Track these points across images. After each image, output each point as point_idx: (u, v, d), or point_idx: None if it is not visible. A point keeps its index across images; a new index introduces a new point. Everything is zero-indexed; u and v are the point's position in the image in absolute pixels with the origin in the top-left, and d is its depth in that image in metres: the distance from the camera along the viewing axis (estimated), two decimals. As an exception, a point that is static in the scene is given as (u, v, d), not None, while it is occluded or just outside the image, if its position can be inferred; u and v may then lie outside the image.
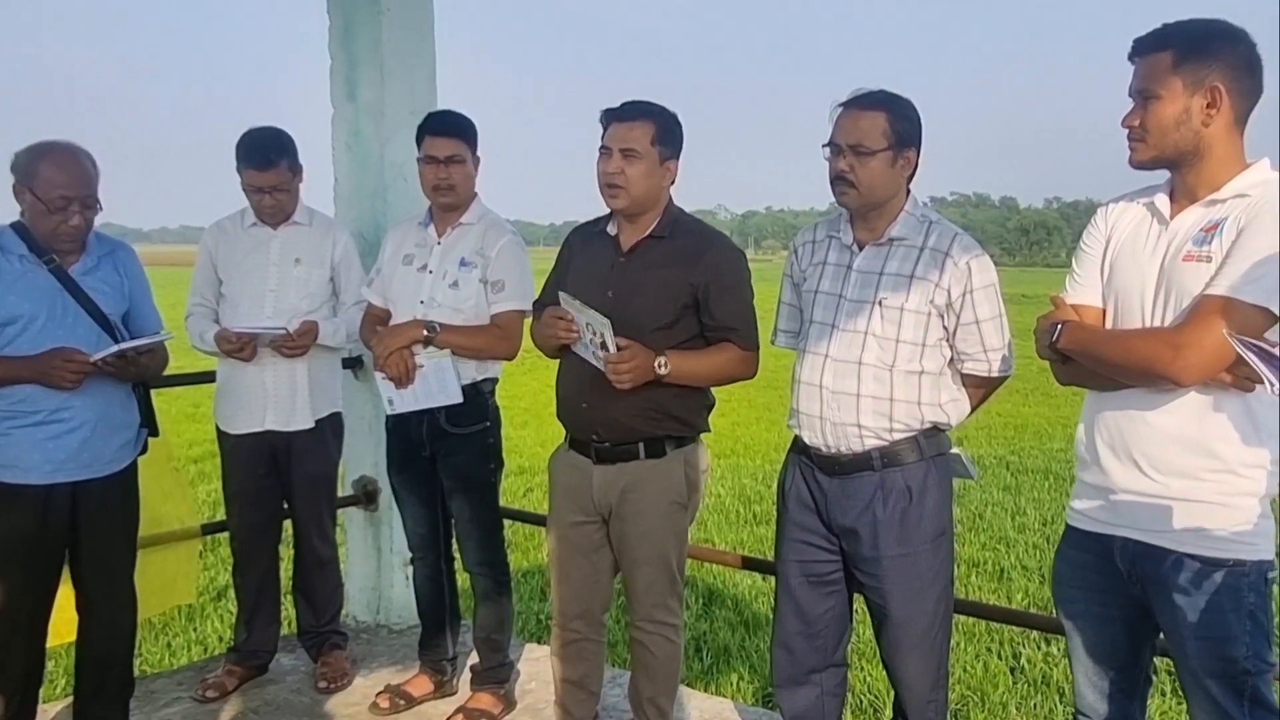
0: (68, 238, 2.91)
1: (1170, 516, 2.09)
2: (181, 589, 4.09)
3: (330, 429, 3.74)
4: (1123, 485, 2.16)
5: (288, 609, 4.21)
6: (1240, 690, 2.06)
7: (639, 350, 2.76)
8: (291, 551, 3.88)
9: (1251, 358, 1.59)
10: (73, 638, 3.15)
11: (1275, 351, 1.61)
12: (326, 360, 3.72)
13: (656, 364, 2.78)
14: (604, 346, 2.75)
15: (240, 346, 3.49)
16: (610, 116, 2.86)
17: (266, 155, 3.52)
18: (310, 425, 3.65)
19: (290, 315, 3.57)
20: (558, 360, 3.01)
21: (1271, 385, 1.54)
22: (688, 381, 2.87)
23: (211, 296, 3.67)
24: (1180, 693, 2.30)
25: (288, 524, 3.85)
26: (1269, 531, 2.09)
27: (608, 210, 2.94)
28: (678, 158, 2.90)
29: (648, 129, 2.82)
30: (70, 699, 3.28)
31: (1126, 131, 2.15)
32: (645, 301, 2.82)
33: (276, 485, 3.71)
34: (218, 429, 3.72)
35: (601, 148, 2.84)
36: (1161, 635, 2.22)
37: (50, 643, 3.08)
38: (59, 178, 2.85)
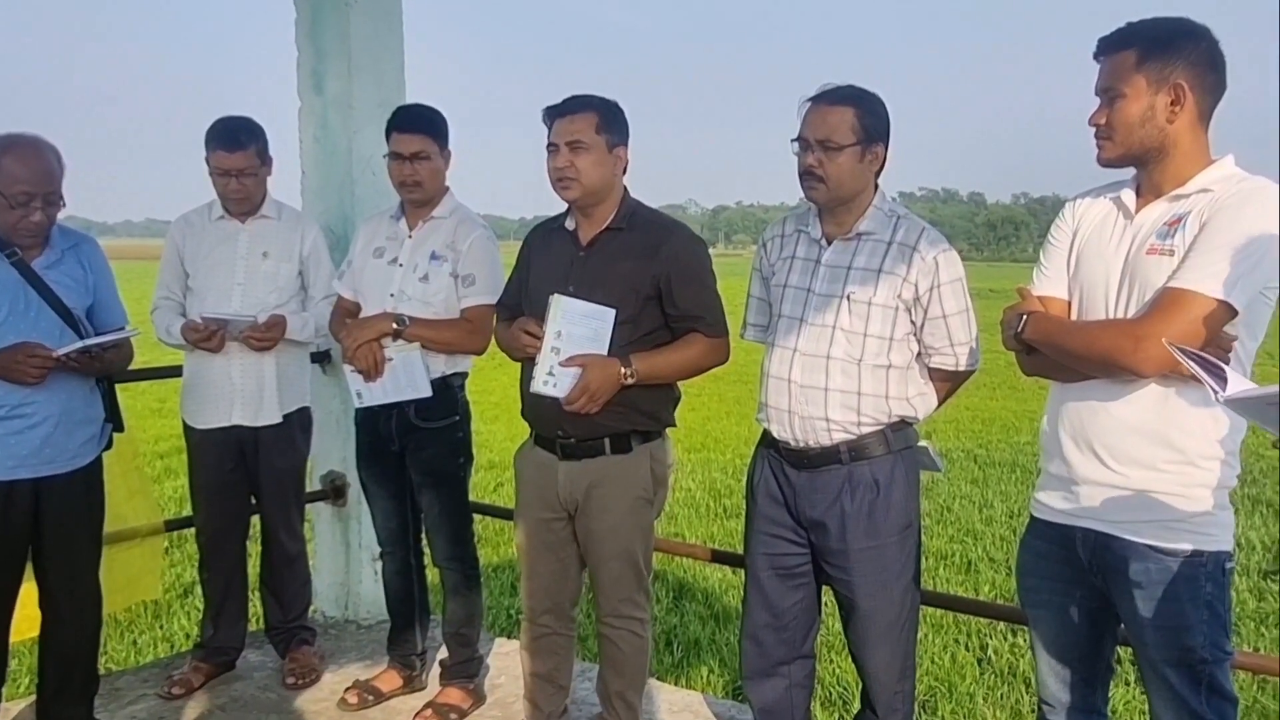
0: (28, 233, 2.87)
1: (1130, 507, 2.12)
2: (146, 584, 4.05)
3: (298, 424, 3.72)
4: (1084, 476, 2.18)
5: (255, 605, 4.18)
6: (1198, 679, 2.10)
7: (594, 371, 2.77)
8: (259, 547, 3.85)
9: (1192, 365, 1.61)
10: (35, 634, 3.11)
11: (1214, 360, 1.62)
12: (294, 355, 3.69)
13: (622, 374, 2.79)
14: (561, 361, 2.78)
15: (208, 335, 3.46)
16: (553, 114, 2.85)
17: (236, 137, 3.49)
18: (278, 420, 3.62)
19: (258, 309, 3.54)
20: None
21: (1215, 393, 1.56)
22: (658, 380, 2.88)
23: (178, 290, 3.63)
24: (1142, 681, 2.34)
25: (255, 519, 3.82)
26: (1227, 522, 2.12)
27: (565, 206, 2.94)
28: (626, 145, 2.90)
29: (591, 119, 2.82)
30: (34, 697, 3.24)
31: (1093, 130, 2.18)
32: (607, 295, 2.81)
33: (244, 480, 3.68)
34: (184, 423, 3.68)
35: (549, 145, 2.84)
36: (1123, 625, 2.25)
37: (12, 638, 3.04)
38: (22, 172, 2.81)
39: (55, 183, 2.88)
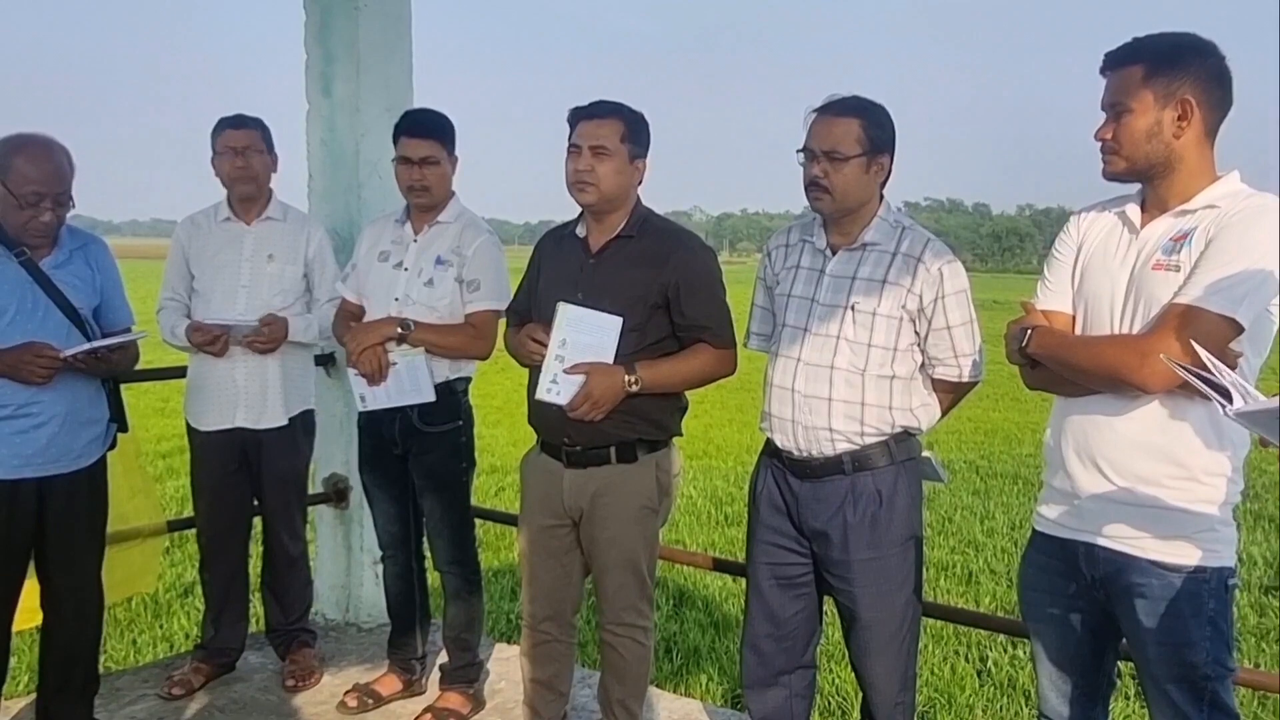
0: (38, 233, 2.88)
1: (1133, 522, 2.12)
2: (144, 580, 4.06)
3: (301, 426, 3.72)
4: (1087, 490, 2.18)
5: (255, 606, 4.18)
6: (1200, 695, 2.09)
7: (598, 379, 2.77)
8: (260, 549, 3.85)
9: (1194, 381, 1.60)
10: (33, 624, 3.11)
11: (1214, 377, 1.62)
12: (299, 357, 3.70)
13: (626, 382, 2.79)
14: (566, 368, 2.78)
15: (213, 339, 3.47)
16: (579, 115, 2.86)
17: (242, 118, 3.59)
18: (282, 423, 3.62)
19: (263, 311, 3.55)
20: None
21: (1223, 406, 1.55)
22: (663, 389, 2.87)
23: (183, 291, 3.64)
24: (1143, 696, 2.33)
25: (256, 521, 3.82)
26: (1230, 538, 2.12)
27: (579, 210, 2.95)
28: (645, 157, 2.91)
29: (617, 127, 2.83)
30: (34, 696, 3.24)
31: (1099, 144, 2.18)
32: (615, 302, 2.81)
33: (246, 482, 3.68)
34: (187, 425, 3.69)
35: (570, 145, 2.84)
36: (1124, 640, 2.24)
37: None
38: (33, 173, 2.82)
39: (66, 183, 2.88)
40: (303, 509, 3.89)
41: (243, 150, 3.55)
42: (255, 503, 3.75)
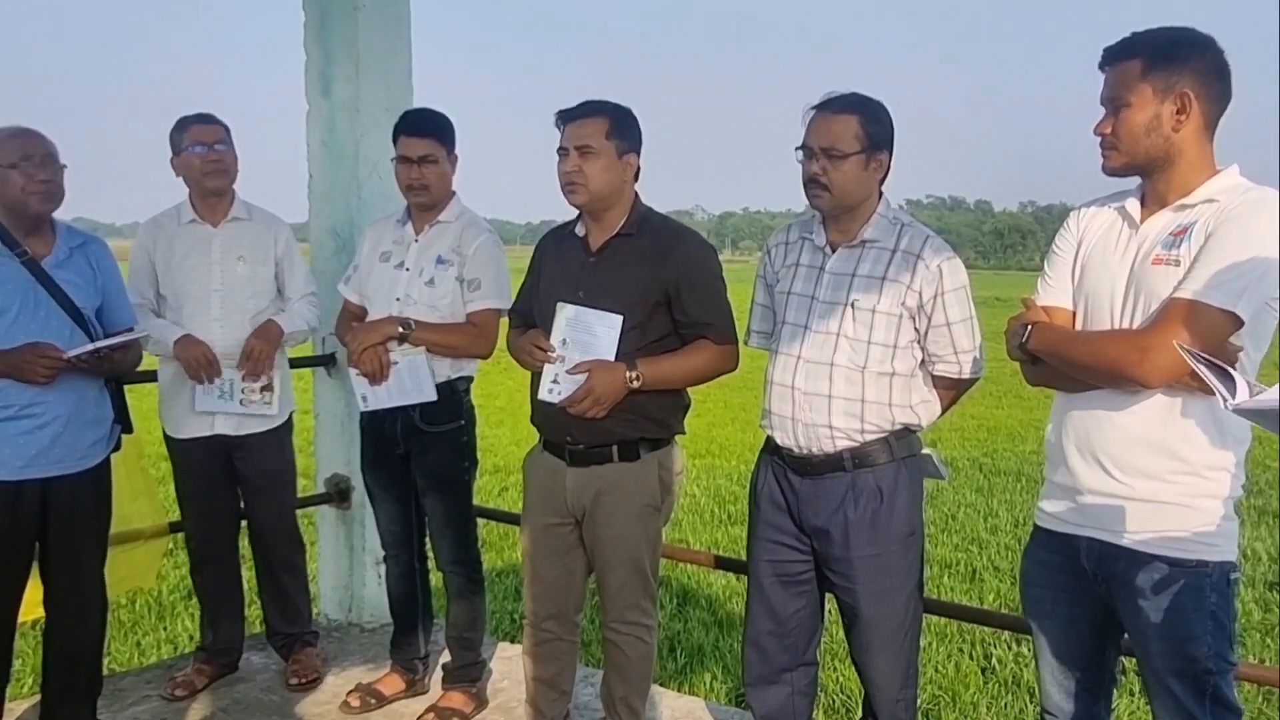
0: (41, 194, 2.88)
1: (1135, 517, 2.12)
2: (143, 576, 4.06)
3: (284, 426, 3.69)
4: (1089, 486, 2.18)
5: (256, 608, 4.17)
6: (1202, 689, 2.09)
7: (599, 376, 2.78)
8: (255, 552, 3.82)
9: (1203, 370, 1.60)
10: (32, 616, 3.11)
11: (1225, 366, 1.62)
12: (278, 359, 3.65)
13: (628, 378, 2.79)
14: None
15: (207, 364, 3.45)
16: (564, 118, 2.86)
17: (209, 114, 3.54)
18: (265, 427, 3.60)
19: (238, 315, 3.53)
20: None
21: (1224, 400, 1.55)
22: (665, 386, 2.88)
23: (151, 295, 3.57)
24: (1145, 692, 2.33)
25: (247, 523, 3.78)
26: (1231, 533, 2.12)
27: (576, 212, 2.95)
28: (637, 152, 2.90)
29: (601, 124, 2.82)
30: (37, 697, 3.25)
31: (1099, 139, 2.18)
32: (616, 301, 2.82)
33: (231, 486, 3.65)
34: (164, 434, 3.64)
35: (559, 149, 2.85)
36: (1126, 635, 2.24)
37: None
38: (14, 141, 2.87)
39: (49, 146, 2.92)
40: (293, 511, 3.84)
41: (213, 144, 3.51)
42: (243, 505, 3.71)
